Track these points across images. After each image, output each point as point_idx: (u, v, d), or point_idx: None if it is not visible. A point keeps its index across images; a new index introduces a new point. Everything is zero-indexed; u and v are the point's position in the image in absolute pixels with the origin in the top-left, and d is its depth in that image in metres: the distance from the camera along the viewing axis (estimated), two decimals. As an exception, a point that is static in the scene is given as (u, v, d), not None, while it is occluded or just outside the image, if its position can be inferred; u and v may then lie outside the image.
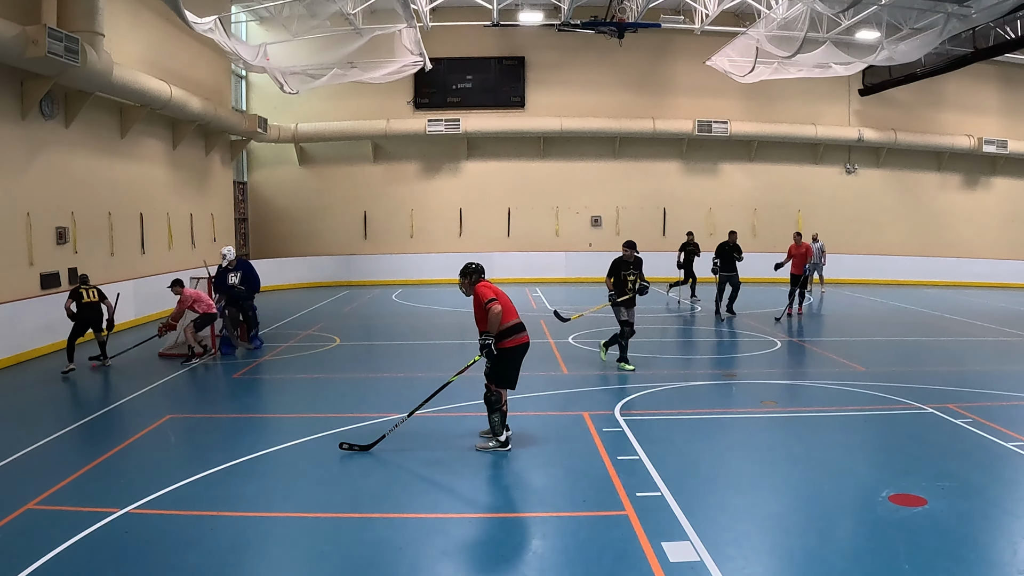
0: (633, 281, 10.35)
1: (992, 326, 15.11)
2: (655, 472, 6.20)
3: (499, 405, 6.85)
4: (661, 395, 9.11)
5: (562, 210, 24.75)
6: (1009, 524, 5.32)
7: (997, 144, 24.40)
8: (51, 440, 7.36)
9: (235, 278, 11.99)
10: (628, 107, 24.08)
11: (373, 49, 18.62)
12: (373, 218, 24.56)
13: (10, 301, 11.58)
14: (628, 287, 10.32)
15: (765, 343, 12.92)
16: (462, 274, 7.07)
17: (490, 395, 6.86)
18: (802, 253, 15.73)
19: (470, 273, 7.02)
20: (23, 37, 11.17)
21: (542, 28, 22.86)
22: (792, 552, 4.87)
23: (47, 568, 4.61)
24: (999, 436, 7.17)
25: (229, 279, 11.97)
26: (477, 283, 6.95)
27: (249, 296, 12.09)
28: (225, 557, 4.87)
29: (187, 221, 18.68)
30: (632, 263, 10.49)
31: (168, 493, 5.83)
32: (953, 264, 24.55)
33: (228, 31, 16.57)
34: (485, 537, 5.20)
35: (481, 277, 7.03)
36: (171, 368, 10.84)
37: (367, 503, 5.80)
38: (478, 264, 7.09)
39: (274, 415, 8.78)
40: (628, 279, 10.36)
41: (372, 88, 21.71)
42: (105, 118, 15.07)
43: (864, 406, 8.60)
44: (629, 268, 10.44)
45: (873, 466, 6.54)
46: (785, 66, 19.23)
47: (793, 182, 25.03)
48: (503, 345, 6.77)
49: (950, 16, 15.44)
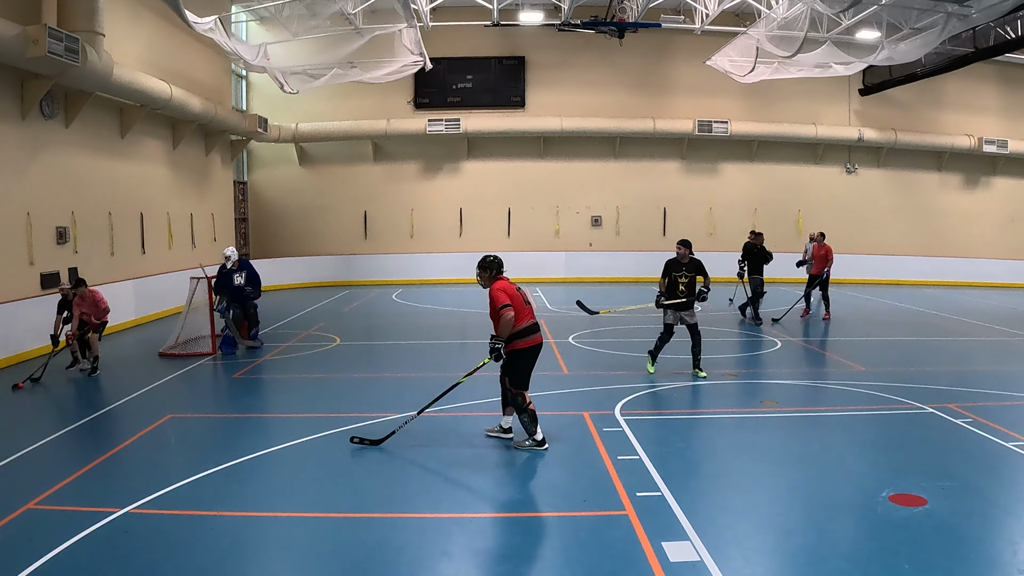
0: (686, 283, 9.88)
1: (992, 326, 15.10)
2: (655, 472, 6.20)
3: (524, 405, 6.83)
4: (661, 395, 9.12)
5: (562, 210, 24.75)
6: (1009, 524, 5.32)
7: (997, 144, 24.39)
8: (51, 440, 7.36)
9: (240, 278, 11.99)
10: (628, 107, 24.07)
11: (373, 49, 18.62)
12: (373, 218, 24.56)
13: (10, 301, 11.58)
14: (680, 289, 9.88)
15: (765, 343, 12.93)
16: (480, 266, 7.05)
17: (514, 398, 6.88)
18: (822, 255, 15.25)
19: (488, 267, 6.99)
20: (23, 37, 11.16)
21: (542, 28, 22.85)
22: (792, 552, 4.87)
23: (47, 568, 4.61)
24: (999, 436, 7.17)
25: (235, 279, 11.96)
26: (495, 279, 6.92)
27: (256, 296, 12.13)
28: (225, 557, 4.87)
29: (187, 221, 18.68)
30: (686, 264, 9.93)
31: (168, 493, 5.83)
32: (953, 264, 24.53)
33: (228, 31, 16.57)
34: (485, 537, 5.20)
35: (500, 272, 6.99)
36: (171, 368, 10.84)
37: (367, 503, 5.80)
38: (496, 257, 7.04)
39: (274, 415, 8.78)
40: (680, 280, 9.89)
41: (372, 88, 21.72)
42: (105, 118, 15.07)
43: (864, 406, 8.60)
44: (681, 269, 9.93)
45: (873, 466, 6.54)
46: (785, 66, 19.23)
47: (793, 182, 25.02)
48: (515, 347, 6.77)
49: (950, 16, 15.43)
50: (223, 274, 12.06)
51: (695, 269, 9.94)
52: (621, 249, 24.61)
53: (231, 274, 12.00)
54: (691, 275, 9.91)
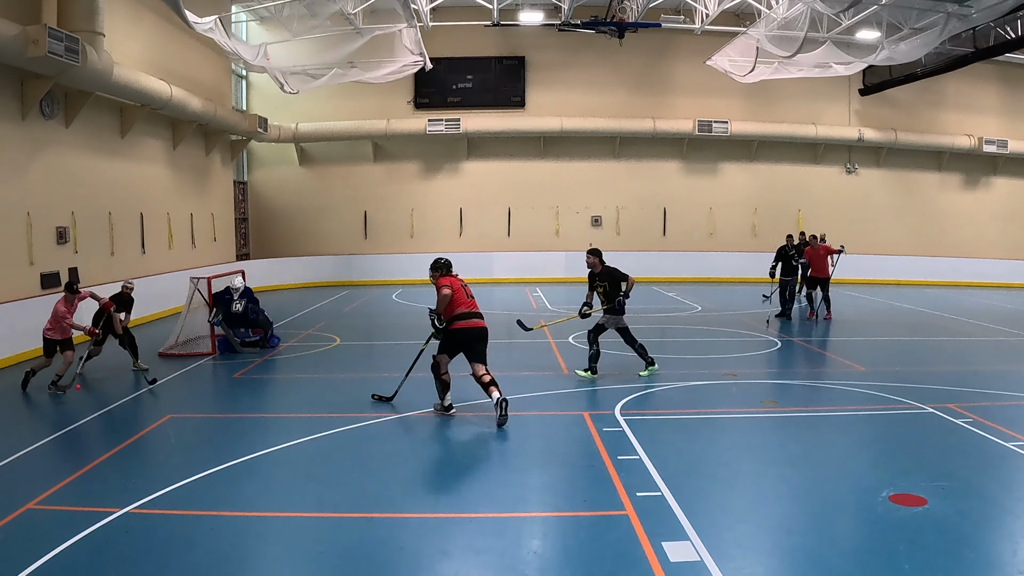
0: (602, 292, 9.69)
1: (992, 326, 15.10)
2: (655, 472, 6.19)
3: (439, 373, 7.92)
4: (661, 395, 9.11)
5: (562, 210, 24.75)
6: (1009, 524, 5.32)
7: (997, 144, 24.40)
8: (51, 440, 7.36)
9: (239, 306, 12.01)
10: (628, 107, 24.08)
11: (373, 49, 18.63)
12: (373, 218, 24.56)
13: (10, 301, 11.58)
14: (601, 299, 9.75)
15: (765, 343, 12.93)
16: (432, 267, 8.16)
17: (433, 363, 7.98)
18: (820, 255, 15.24)
19: (438, 268, 8.11)
20: (23, 37, 11.17)
21: (542, 28, 22.86)
22: (792, 552, 4.86)
23: (47, 568, 4.61)
24: (999, 436, 7.16)
25: (233, 306, 11.99)
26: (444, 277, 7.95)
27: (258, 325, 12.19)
28: (225, 557, 4.87)
29: (187, 221, 18.68)
30: (599, 274, 9.70)
31: (168, 493, 5.83)
32: (953, 264, 24.53)
33: (228, 31, 16.57)
34: (485, 537, 5.20)
35: (448, 271, 8.05)
36: (171, 368, 10.84)
37: (367, 503, 5.79)
38: (446, 260, 8.19)
39: (274, 415, 8.77)
40: (597, 291, 9.75)
41: (372, 88, 21.71)
42: (105, 118, 15.07)
43: (864, 406, 8.59)
44: (595, 280, 9.76)
45: (873, 466, 6.53)
46: (785, 66, 19.23)
47: (793, 182, 25.02)
48: (453, 327, 7.84)
49: (950, 16, 15.43)
50: (225, 296, 12.11)
51: (608, 277, 9.68)
52: (621, 249, 24.51)
53: (231, 301, 12.05)
54: (605, 284, 9.67)
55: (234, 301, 12.05)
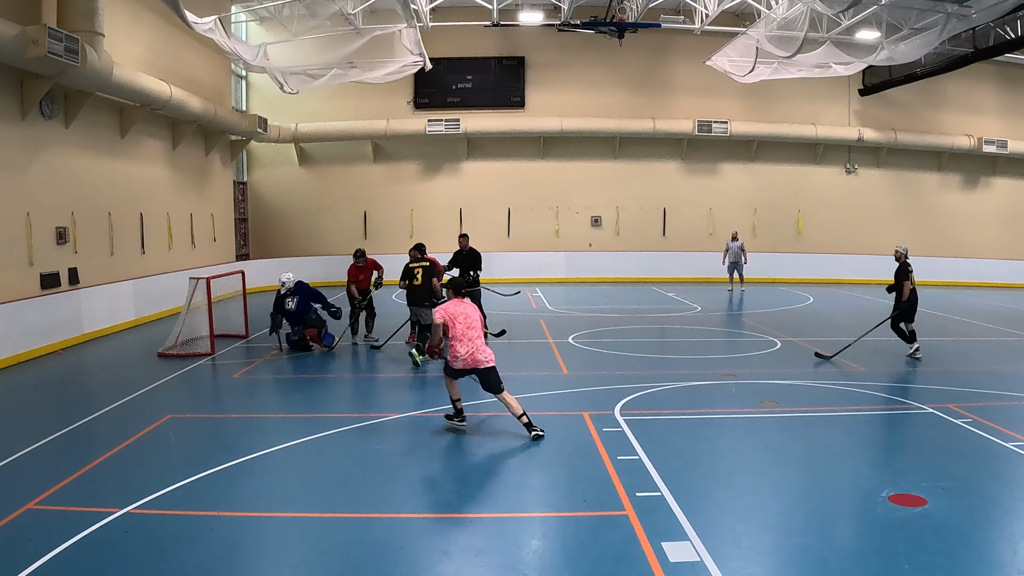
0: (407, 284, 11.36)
1: (992, 326, 15.11)
2: (655, 472, 6.20)
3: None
4: (661, 395, 9.12)
5: (562, 210, 24.75)
6: (1009, 524, 5.32)
7: (997, 144, 24.38)
8: (51, 440, 7.36)
9: (292, 303, 11.96)
10: (628, 107, 24.07)
11: (373, 49, 18.61)
12: (373, 218, 24.56)
13: (10, 301, 11.58)
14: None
15: (765, 343, 12.93)
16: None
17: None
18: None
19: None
20: (23, 37, 11.16)
21: (542, 28, 22.84)
22: (792, 552, 4.87)
23: (47, 568, 4.61)
24: (999, 436, 7.17)
25: (287, 304, 11.94)
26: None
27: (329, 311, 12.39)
28: (225, 557, 4.87)
29: (187, 221, 18.68)
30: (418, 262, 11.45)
31: (168, 493, 5.83)
32: (953, 264, 24.51)
33: (228, 31, 16.57)
34: (485, 537, 5.20)
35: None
36: (171, 368, 10.84)
37: (368, 503, 5.79)
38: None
39: (274, 415, 8.78)
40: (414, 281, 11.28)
41: (372, 88, 21.70)
42: (105, 118, 15.07)
43: (864, 406, 8.60)
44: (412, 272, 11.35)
45: (873, 466, 6.54)
46: (785, 66, 19.22)
47: (793, 182, 25.01)
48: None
49: (950, 16, 15.43)
50: (278, 299, 12.05)
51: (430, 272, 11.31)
52: (621, 249, 24.62)
53: (284, 299, 12.01)
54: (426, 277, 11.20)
55: (287, 299, 11.98)
